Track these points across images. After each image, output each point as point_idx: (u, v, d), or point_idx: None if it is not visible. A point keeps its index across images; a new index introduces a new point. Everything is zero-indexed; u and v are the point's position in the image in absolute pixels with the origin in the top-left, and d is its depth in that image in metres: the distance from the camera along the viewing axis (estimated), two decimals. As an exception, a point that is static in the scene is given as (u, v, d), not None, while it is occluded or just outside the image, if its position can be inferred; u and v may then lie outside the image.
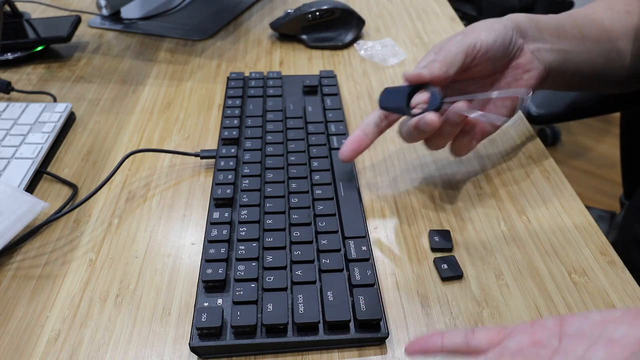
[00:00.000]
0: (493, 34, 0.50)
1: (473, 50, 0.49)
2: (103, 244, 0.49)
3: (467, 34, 0.50)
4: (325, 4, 0.79)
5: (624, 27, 0.58)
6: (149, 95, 0.69)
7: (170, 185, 0.55)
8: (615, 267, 0.46)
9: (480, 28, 0.50)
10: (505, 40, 0.50)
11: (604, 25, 0.57)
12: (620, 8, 0.58)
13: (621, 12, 0.58)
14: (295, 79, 0.69)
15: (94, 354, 0.40)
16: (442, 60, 0.47)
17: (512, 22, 0.52)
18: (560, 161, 1.87)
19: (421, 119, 0.45)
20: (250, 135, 0.58)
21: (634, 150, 1.19)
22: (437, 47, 0.50)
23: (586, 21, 0.57)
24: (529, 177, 0.55)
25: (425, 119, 0.45)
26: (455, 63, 0.48)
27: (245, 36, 0.83)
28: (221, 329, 0.40)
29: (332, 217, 0.48)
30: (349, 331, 0.40)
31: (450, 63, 0.47)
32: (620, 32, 0.58)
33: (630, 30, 0.58)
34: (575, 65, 0.57)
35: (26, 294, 0.44)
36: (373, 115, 0.51)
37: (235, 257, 0.45)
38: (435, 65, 0.47)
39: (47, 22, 0.79)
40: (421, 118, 0.45)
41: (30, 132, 0.60)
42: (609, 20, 0.57)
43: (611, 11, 0.58)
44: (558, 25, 0.55)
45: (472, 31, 0.50)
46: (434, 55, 0.48)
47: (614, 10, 0.58)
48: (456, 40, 0.49)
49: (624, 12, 0.58)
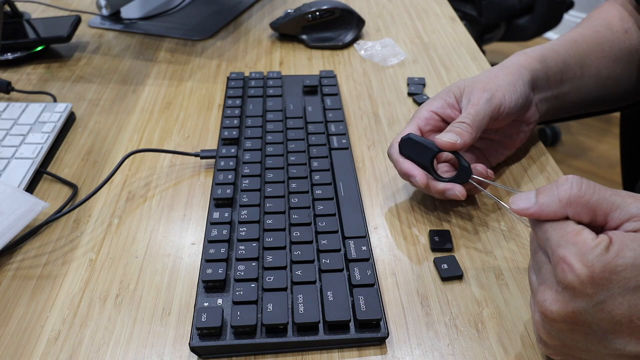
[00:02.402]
0: (516, 95, 0.50)
1: (497, 113, 0.50)
2: (103, 244, 0.49)
3: (493, 93, 0.49)
4: (325, 4, 0.79)
5: (622, 49, 0.58)
6: (149, 95, 0.69)
7: (170, 185, 0.55)
8: (615, 267, 0.46)
9: (505, 86, 0.50)
10: (526, 101, 0.52)
11: (604, 49, 0.58)
12: (619, 27, 0.59)
13: (619, 31, 0.58)
14: (295, 79, 0.69)
15: (94, 354, 0.40)
16: (472, 126, 0.48)
17: (530, 76, 0.52)
18: (560, 161, 1.87)
19: (450, 189, 0.47)
20: (250, 135, 0.58)
21: (634, 150, 1.19)
22: (465, 96, 0.51)
23: (588, 50, 0.57)
24: (529, 177, 0.55)
25: (455, 191, 0.47)
26: (482, 127, 0.49)
27: (245, 36, 0.83)
28: (221, 329, 0.40)
29: (332, 217, 0.48)
30: (349, 331, 0.40)
31: (478, 128, 0.48)
32: (618, 54, 0.58)
33: (625, 51, 0.59)
34: (570, 104, 0.58)
35: (26, 294, 0.44)
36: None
37: (235, 257, 0.45)
38: (466, 135, 0.47)
39: (47, 22, 0.79)
40: (450, 188, 0.47)
41: (30, 132, 0.60)
42: (608, 44, 0.58)
43: (610, 32, 0.59)
44: (563, 66, 0.55)
45: (497, 90, 0.50)
46: (465, 116, 0.48)
47: (613, 31, 0.59)
48: (483, 99, 0.49)
49: (622, 32, 0.58)
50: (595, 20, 0.61)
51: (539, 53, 0.54)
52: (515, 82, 0.51)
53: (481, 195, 0.53)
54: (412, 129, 0.51)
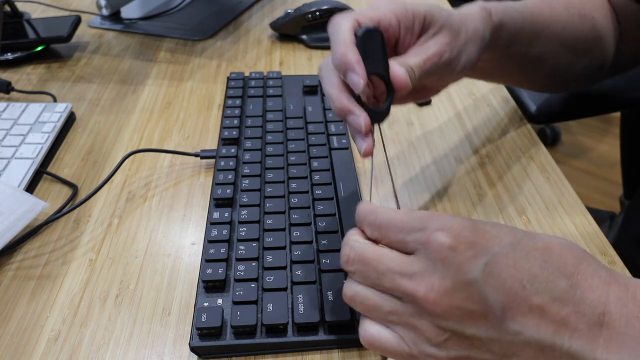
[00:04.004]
0: (471, 61, 0.46)
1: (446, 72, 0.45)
2: (103, 244, 0.49)
3: (456, 54, 0.44)
4: (325, 4, 0.79)
5: (573, 34, 0.55)
6: (149, 95, 0.69)
7: (170, 185, 0.55)
8: (615, 267, 0.46)
9: (468, 51, 0.45)
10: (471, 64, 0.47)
11: (556, 30, 0.54)
12: (575, 11, 0.56)
13: (575, 15, 0.56)
14: (295, 79, 0.69)
15: (94, 354, 0.40)
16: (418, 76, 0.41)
17: (487, 41, 0.47)
18: (560, 161, 1.87)
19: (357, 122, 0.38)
20: (250, 135, 0.58)
21: (634, 150, 1.19)
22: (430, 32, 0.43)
23: (541, 27, 0.53)
24: (529, 177, 0.55)
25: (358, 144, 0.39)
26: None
27: (245, 36, 0.83)
28: (221, 329, 0.40)
29: (332, 217, 0.48)
30: (348, 331, 0.40)
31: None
32: (567, 38, 0.55)
33: (573, 38, 0.56)
34: (494, 71, 0.54)
35: (26, 294, 0.44)
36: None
37: (235, 257, 0.45)
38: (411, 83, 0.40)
39: (47, 22, 0.79)
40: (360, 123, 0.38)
41: (30, 132, 0.60)
42: (561, 24, 0.55)
43: (567, 12, 0.55)
44: (514, 39, 0.51)
45: (461, 50, 0.44)
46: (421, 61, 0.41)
47: (570, 13, 0.56)
48: (445, 56, 0.43)
49: (577, 16, 0.56)
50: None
51: (499, 19, 0.48)
52: (475, 48, 0.45)
53: (481, 196, 0.53)
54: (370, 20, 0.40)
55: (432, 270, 0.31)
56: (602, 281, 0.30)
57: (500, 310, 0.29)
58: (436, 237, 0.31)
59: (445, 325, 0.30)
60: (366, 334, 0.34)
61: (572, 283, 0.29)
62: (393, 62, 0.39)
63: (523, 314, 0.29)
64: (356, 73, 0.37)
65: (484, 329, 0.30)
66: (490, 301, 0.29)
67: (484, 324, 0.30)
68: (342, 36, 0.38)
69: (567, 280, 0.29)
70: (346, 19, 0.39)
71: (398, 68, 0.39)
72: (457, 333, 0.30)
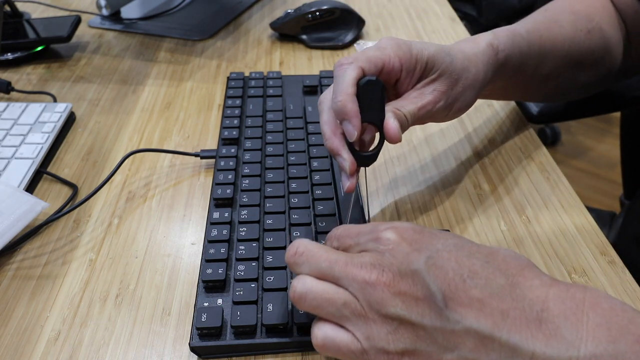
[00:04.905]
0: (471, 103, 0.48)
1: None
2: (103, 244, 0.49)
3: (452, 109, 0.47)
4: (325, 4, 0.79)
5: (580, 50, 0.55)
6: (149, 95, 0.69)
7: (170, 185, 0.55)
8: (615, 267, 0.46)
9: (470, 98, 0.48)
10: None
11: (563, 48, 0.54)
12: (583, 27, 0.56)
13: (583, 31, 0.56)
14: (295, 79, 0.69)
15: (94, 354, 0.40)
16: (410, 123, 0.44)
17: (491, 77, 0.49)
18: (560, 161, 1.87)
19: (344, 165, 0.41)
20: (250, 135, 0.58)
21: (634, 150, 1.19)
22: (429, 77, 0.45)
23: (549, 48, 0.53)
24: (529, 177, 0.55)
25: (348, 176, 0.42)
26: None
27: (245, 36, 0.83)
28: (221, 329, 0.40)
29: (332, 217, 0.48)
30: (349, 331, 0.40)
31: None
32: (573, 55, 0.55)
33: (578, 53, 0.56)
34: (498, 94, 0.56)
35: (26, 294, 0.44)
36: None
37: (235, 257, 0.45)
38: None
39: (47, 22, 0.79)
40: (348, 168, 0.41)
41: (30, 132, 0.60)
42: (568, 43, 0.55)
43: (574, 29, 0.55)
44: (520, 66, 0.51)
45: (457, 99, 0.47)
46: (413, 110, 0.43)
47: (576, 29, 0.55)
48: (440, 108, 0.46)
49: (584, 32, 0.56)
50: (562, 13, 0.57)
51: (506, 55, 0.49)
52: (473, 93, 0.47)
53: (481, 196, 0.53)
54: (367, 66, 0.42)
55: (381, 260, 0.33)
56: (543, 283, 0.31)
57: (441, 299, 0.31)
58: (385, 233, 0.34)
59: (392, 313, 0.32)
60: (320, 333, 0.34)
61: (512, 282, 0.31)
62: (389, 110, 0.42)
63: (462, 305, 0.31)
64: (352, 124, 0.40)
65: (427, 317, 0.31)
66: (432, 289, 0.31)
67: (427, 311, 0.31)
68: (345, 86, 0.40)
69: (506, 279, 0.31)
70: (352, 68, 0.41)
71: (392, 122, 0.41)
72: (404, 321, 0.32)
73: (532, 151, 0.59)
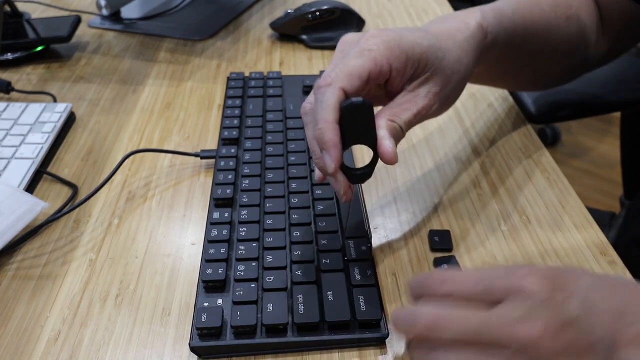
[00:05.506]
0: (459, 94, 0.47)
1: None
2: (103, 244, 0.49)
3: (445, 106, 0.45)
4: (325, 4, 0.79)
5: (558, 36, 0.55)
6: (149, 95, 0.69)
7: (170, 185, 0.55)
8: (615, 267, 0.46)
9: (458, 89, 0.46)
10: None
11: (544, 35, 0.54)
12: (562, 13, 0.55)
13: (561, 18, 0.55)
14: (295, 79, 0.69)
15: (94, 354, 0.40)
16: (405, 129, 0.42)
17: (476, 62, 0.46)
18: (560, 161, 1.87)
19: (338, 188, 0.40)
20: (250, 135, 0.58)
21: (634, 150, 1.19)
22: (419, 79, 0.42)
23: (531, 32, 0.52)
24: (529, 177, 0.55)
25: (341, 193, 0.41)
26: None
27: (245, 36, 0.83)
28: (221, 329, 0.40)
29: (332, 217, 0.48)
30: (349, 331, 0.40)
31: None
32: (553, 41, 0.55)
33: (557, 40, 0.55)
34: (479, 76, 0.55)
35: (26, 294, 0.44)
36: None
37: (235, 257, 0.45)
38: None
39: (47, 22, 0.79)
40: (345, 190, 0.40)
41: (30, 132, 0.60)
42: (554, 30, 0.54)
43: (554, 15, 0.54)
44: (505, 50, 0.50)
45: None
46: (407, 119, 0.41)
47: (556, 15, 0.54)
48: (433, 108, 0.44)
49: (563, 19, 0.55)
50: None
51: (494, 37, 0.48)
52: (463, 86, 0.45)
53: (481, 196, 0.53)
54: (349, 84, 0.38)
55: (538, 313, 0.29)
56: None
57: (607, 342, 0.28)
58: (529, 281, 0.30)
59: None
60: None
61: None
62: (382, 126, 0.39)
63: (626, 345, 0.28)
64: (330, 155, 0.37)
65: None
66: (597, 335, 0.28)
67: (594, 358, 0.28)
68: (324, 113, 0.37)
69: None
70: (330, 92, 0.37)
71: (387, 144, 0.38)
72: None
73: (532, 151, 0.59)
